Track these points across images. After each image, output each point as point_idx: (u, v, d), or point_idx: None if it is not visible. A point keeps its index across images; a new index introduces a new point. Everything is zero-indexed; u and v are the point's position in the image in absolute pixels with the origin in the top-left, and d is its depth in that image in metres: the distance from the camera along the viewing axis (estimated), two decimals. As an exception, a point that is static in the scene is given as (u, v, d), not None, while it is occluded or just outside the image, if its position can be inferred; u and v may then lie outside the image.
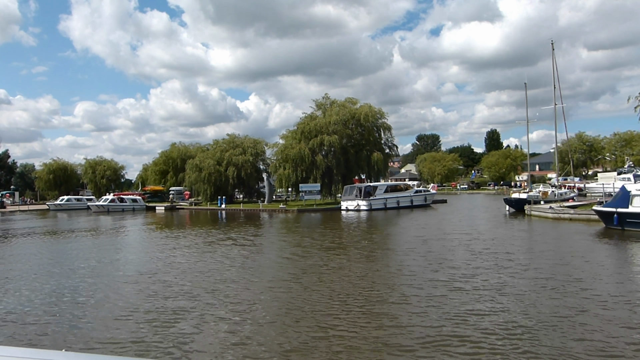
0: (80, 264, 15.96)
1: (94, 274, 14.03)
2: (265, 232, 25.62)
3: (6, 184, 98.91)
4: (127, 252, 19.09)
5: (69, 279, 13.24)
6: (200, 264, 15.06)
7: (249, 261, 15.64)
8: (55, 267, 15.52)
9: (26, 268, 15.44)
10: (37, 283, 12.83)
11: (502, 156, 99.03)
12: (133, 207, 52.58)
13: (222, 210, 47.72)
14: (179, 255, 17.28)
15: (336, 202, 46.33)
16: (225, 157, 57.67)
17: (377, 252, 16.97)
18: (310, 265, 14.16)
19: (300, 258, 15.94)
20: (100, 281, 12.87)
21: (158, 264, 15.51)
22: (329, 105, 50.92)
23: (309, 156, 45.88)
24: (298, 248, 18.50)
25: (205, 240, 22.03)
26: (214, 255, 17.23)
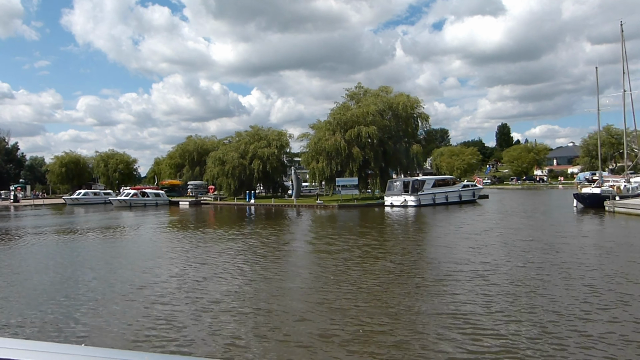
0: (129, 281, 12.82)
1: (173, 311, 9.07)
2: (333, 235, 22.22)
3: (15, 177, 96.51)
4: (184, 264, 14.24)
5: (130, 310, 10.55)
6: (302, 285, 11.07)
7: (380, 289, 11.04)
8: (97, 286, 12.83)
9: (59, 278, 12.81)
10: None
11: (525, 150, 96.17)
12: (156, 201, 49.96)
13: (251, 206, 45.07)
14: (252, 272, 12.79)
15: (374, 198, 43.66)
16: (249, 149, 54.98)
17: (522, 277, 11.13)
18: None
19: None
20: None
21: (233, 284, 11.35)
22: (362, 94, 48.13)
23: (345, 148, 43.13)
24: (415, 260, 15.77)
25: (266, 244, 18.23)
26: (310, 270, 12.90)
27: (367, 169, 44.29)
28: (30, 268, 14.38)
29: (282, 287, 10.96)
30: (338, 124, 44.41)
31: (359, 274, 11.98)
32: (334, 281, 11.15)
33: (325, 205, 38.41)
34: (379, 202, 39.13)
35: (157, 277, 12.29)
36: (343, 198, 42.12)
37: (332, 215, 32.21)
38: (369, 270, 12.38)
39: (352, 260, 13.98)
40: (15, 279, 12.65)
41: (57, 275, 12.99)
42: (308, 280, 11.66)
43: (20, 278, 12.80)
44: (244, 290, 10.64)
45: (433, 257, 14.32)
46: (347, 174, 43.49)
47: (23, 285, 11.79)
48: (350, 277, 11.52)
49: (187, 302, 9.58)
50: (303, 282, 11.36)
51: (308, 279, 11.75)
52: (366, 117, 43.50)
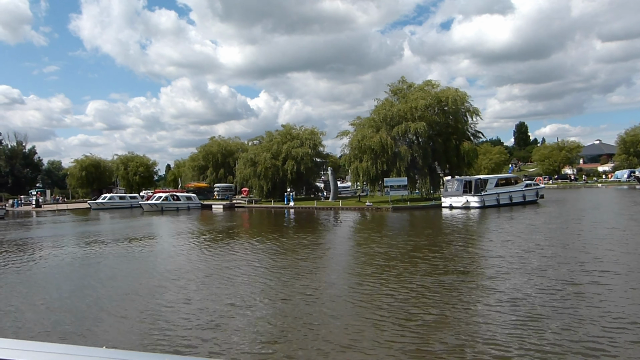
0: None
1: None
2: (425, 243, 19.15)
3: (32, 182, 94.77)
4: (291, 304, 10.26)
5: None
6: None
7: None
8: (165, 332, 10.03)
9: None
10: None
11: (556, 148, 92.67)
12: (188, 205, 47.38)
13: (290, 209, 42.32)
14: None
15: (423, 198, 40.76)
16: (282, 149, 52.35)
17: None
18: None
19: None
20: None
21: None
22: (406, 89, 45.26)
23: (392, 146, 40.32)
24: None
25: (366, 261, 14.13)
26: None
27: (415, 168, 41.36)
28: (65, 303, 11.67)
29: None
30: (383, 120, 41.58)
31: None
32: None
33: (378, 208, 35.55)
34: (434, 204, 36.21)
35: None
36: (392, 199, 39.32)
37: (394, 219, 29.33)
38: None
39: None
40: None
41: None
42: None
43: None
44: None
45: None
46: (395, 174, 40.66)
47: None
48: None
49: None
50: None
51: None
52: (414, 113, 40.65)
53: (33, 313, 9.48)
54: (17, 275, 13.90)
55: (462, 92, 43.00)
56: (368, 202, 37.72)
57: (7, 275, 13.95)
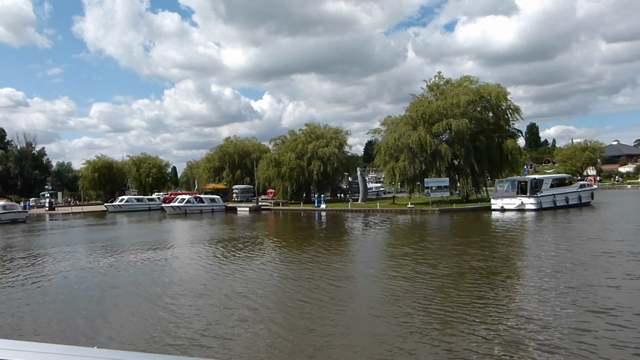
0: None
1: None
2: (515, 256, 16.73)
3: (41, 183, 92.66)
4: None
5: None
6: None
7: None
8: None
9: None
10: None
11: (579, 149, 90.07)
12: (212, 207, 45.02)
13: (322, 211, 39.94)
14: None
15: (469, 200, 38.32)
16: (308, 149, 50.01)
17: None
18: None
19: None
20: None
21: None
22: (443, 85, 42.88)
23: (431, 145, 37.93)
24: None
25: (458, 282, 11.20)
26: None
27: (455, 168, 38.95)
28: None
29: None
30: (421, 117, 39.22)
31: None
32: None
33: (422, 211, 33.15)
34: (480, 206, 33.80)
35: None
36: (432, 200, 36.94)
37: (448, 224, 26.93)
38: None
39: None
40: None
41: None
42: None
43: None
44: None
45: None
46: (434, 174, 38.32)
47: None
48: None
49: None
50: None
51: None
52: (455, 109, 38.30)
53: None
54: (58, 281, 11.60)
55: (503, 88, 40.67)
56: (410, 204, 35.29)
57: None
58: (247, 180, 66.59)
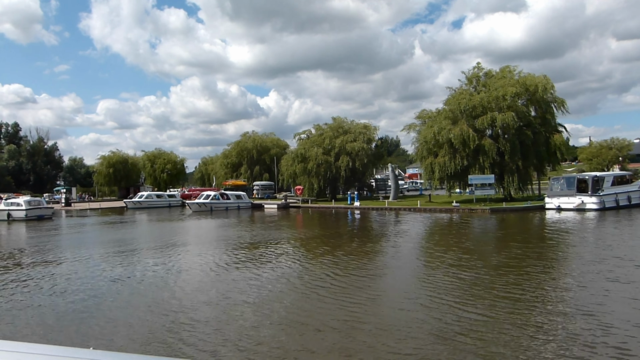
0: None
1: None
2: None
3: (53, 179, 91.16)
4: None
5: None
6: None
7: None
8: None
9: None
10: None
11: (605, 147, 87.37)
12: (238, 205, 42.94)
13: (356, 209, 37.76)
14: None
15: (515, 198, 36.04)
16: (336, 144, 47.88)
17: None
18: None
19: None
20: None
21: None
22: (482, 76, 40.57)
23: (474, 139, 35.67)
24: None
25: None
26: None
27: (500, 164, 36.63)
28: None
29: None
30: (463, 111, 36.92)
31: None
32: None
33: (471, 210, 30.93)
34: (530, 205, 31.54)
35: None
36: (476, 198, 34.73)
37: (507, 225, 24.71)
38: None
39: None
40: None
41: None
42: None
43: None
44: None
45: None
46: (477, 170, 36.09)
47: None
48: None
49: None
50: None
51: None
52: (500, 102, 35.96)
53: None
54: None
55: (549, 79, 38.28)
56: (455, 202, 33.08)
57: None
58: (266, 176, 64.72)
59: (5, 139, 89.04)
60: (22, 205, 33.40)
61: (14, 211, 33.27)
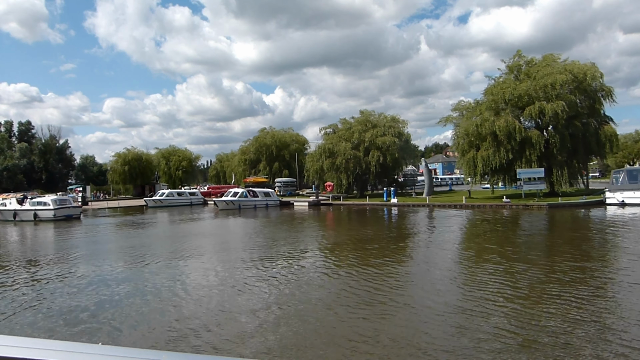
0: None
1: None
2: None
3: (64, 177, 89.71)
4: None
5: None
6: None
7: None
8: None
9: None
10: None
11: (632, 139, 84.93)
12: (266, 202, 41.06)
13: (393, 207, 35.79)
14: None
15: (563, 193, 33.91)
16: (365, 138, 45.83)
17: None
18: None
19: None
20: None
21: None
22: (523, 65, 38.40)
23: (520, 131, 33.59)
24: None
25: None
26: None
27: (548, 157, 34.51)
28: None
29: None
30: (508, 101, 34.84)
31: None
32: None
33: (526, 206, 28.89)
34: (586, 201, 29.46)
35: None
36: (525, 194, 32.69)
37: (576, 223, 22.68)
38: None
39: None
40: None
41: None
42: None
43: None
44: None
45: None
46: (524, 164, 33.96)
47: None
48: None
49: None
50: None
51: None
52: (548, 91, 33.81)
53: None
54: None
55: (596, 66, 36.10)
56: (505, 198, 31.06)
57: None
58: (285, 173, 62.82)
59: (17, 137, 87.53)
60: (49, 205, 31.35)
61: (41, 211, 31.33)
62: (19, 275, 13.44)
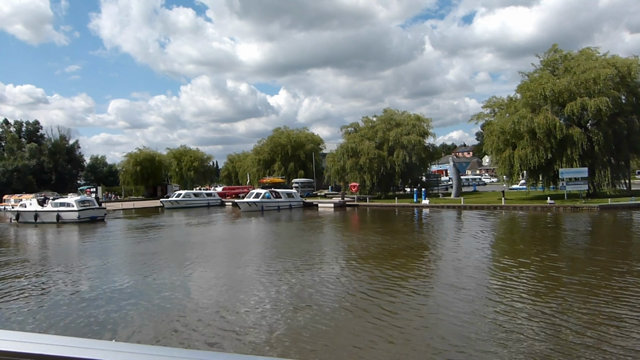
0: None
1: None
2: None
3: (74, 178, 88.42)
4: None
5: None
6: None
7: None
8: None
9: None
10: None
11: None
12: (290, 203, 39.42)
13: (424, 208, 34.09)
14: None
15: (606, 194, 32.10)
16: (390, 137, 44.16)
17: None
18: None
19: None
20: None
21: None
22: (560, 60, 36.63)
23: (561, 129, 31.85)
24: None
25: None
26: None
27: (590, 157, 32.73)
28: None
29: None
30: (548, 97, 33.08)
31: None
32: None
33: (575, 207, 27.14)
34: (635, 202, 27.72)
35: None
36: (567, 195, 30.92)
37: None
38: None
39: None
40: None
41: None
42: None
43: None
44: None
45: None
46: (564, 163, 32.18)
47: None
48: None
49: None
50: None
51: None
52: (590, 87, 32.05)
53: None
54: None
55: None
56: (550, 200, 29.31)
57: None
58: (301, 173, 61.22)
59: (25, 137, 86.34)
60: (73, 206, 29.70)
61: (65, 212, 29.75)
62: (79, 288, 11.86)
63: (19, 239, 24.58)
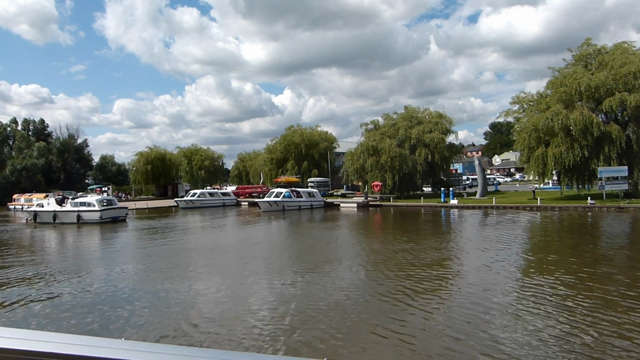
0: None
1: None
2: None
3: (83, 177, 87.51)
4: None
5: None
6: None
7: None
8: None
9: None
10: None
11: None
12: (310, 203, 38.15)
13: (453, 208, 32.75)
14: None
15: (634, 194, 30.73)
16: (412, 135, 42.87)
17: None
18: None
19: None
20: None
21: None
22: (593, 54, 35.20)
23: (598, 126, 30.46)
24: None
25: None
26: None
27: (629, 155, 31.31)
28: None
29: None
30: (583, 92, 31.66)
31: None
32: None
33: (620, 208, 25.77)
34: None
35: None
36: (606, 195, 29.52)
37: None
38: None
39: None
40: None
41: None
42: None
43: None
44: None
45: None
46: (601, 162, 30.80)
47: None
48: None
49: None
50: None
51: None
52: (629, 82, 30.64)
53: None
54: None
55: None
56: (590, 200, 27.92)
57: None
58: (314, 172, 59.99)
59: (33, 136, 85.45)
60: (95, 206, 28.36)
61: (86, 212, 28.41)
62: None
63: (37, 241, 23.41)
